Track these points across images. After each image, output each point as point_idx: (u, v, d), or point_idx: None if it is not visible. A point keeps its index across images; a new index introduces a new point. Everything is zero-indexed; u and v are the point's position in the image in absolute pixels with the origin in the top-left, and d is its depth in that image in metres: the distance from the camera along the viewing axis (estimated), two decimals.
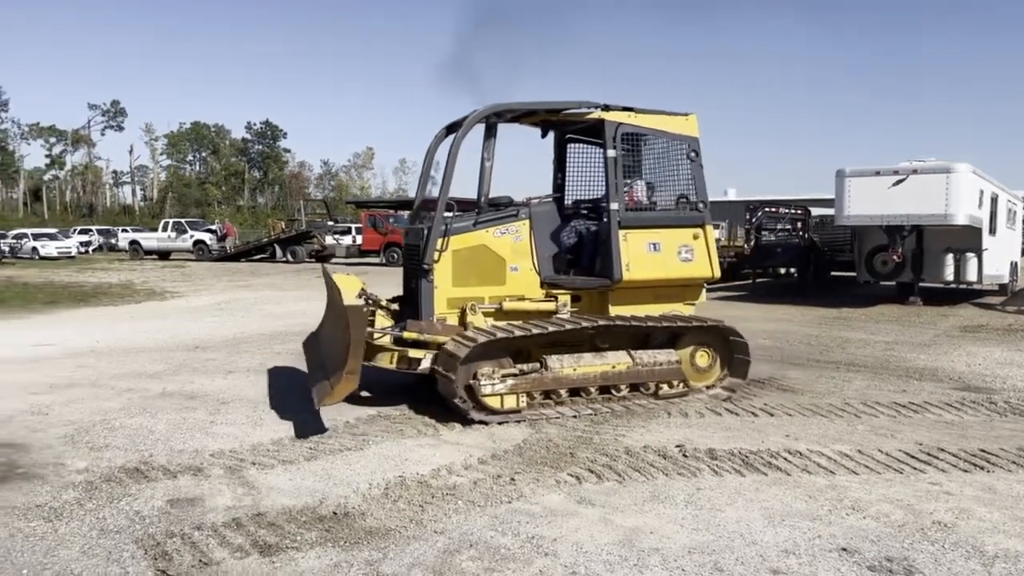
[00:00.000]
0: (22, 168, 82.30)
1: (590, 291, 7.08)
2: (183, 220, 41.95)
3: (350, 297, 5.91)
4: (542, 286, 6.97)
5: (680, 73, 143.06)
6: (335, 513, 4.32)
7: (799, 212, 21.35)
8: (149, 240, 39.34)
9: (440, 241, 6.58)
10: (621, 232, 6.80)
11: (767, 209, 21.03)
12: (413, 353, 6.42)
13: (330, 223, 37.62)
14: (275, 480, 4.88)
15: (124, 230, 49.16)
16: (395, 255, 29.48)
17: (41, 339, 11.00)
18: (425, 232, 6.68)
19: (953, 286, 16.67)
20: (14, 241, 37.95)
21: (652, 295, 7.11)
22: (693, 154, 7.14)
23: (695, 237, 7.09)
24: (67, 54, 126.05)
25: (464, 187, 7.82)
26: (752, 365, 7.34)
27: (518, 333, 6.25)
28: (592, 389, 6.59)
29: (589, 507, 4.44)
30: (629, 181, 7.10)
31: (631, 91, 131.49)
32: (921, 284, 16.26)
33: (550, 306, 6.89)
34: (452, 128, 7.16)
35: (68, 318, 14.09)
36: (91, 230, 50.58)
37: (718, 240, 29.84)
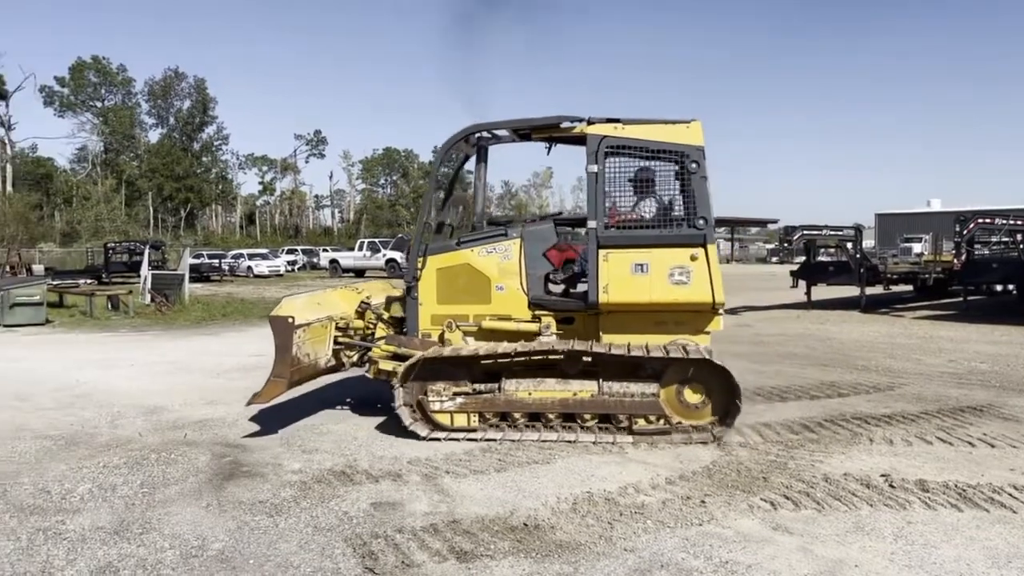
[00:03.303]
0: (239, 194, 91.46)
1: (583, 315, 6.71)
2: (376, 240, 44.68)
3: (284, 310, 6.43)
4: (530, 307, 6.77)
5: (895, 69, 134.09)
6: (526, 524, 4.42)
7: (1020, 223, 19.25)
8: (346, 259, 42.17)
9: (419, 260, 6.77)
10: (601, 252, 6.41)
11: (981, 220, 19.13)
12: (383, 365, 6.73)
13: None
14: (467, 489, 5.08)
15: (325, 250, 52.69)
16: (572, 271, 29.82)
17: (256, 350, 12.10)
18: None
19: None
20: (232, 261, 42.12)
21: (651, 321, 6.45)
22: (694, 165, 6.41)
23: (693, 258, 6.29)
24: (277, 90, 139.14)
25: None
26: (967, 391, 6.64)
27: (464, 352, 6.35)
28: (551, 416, 6.27)
29: (786, 535, 4.25)
30: (636, 198, 6.65)
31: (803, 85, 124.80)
32: None
33: (532, 327, 6.64)
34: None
35: None
36: (296, 250, 54.87)
37: (920, 254, 27.52)
